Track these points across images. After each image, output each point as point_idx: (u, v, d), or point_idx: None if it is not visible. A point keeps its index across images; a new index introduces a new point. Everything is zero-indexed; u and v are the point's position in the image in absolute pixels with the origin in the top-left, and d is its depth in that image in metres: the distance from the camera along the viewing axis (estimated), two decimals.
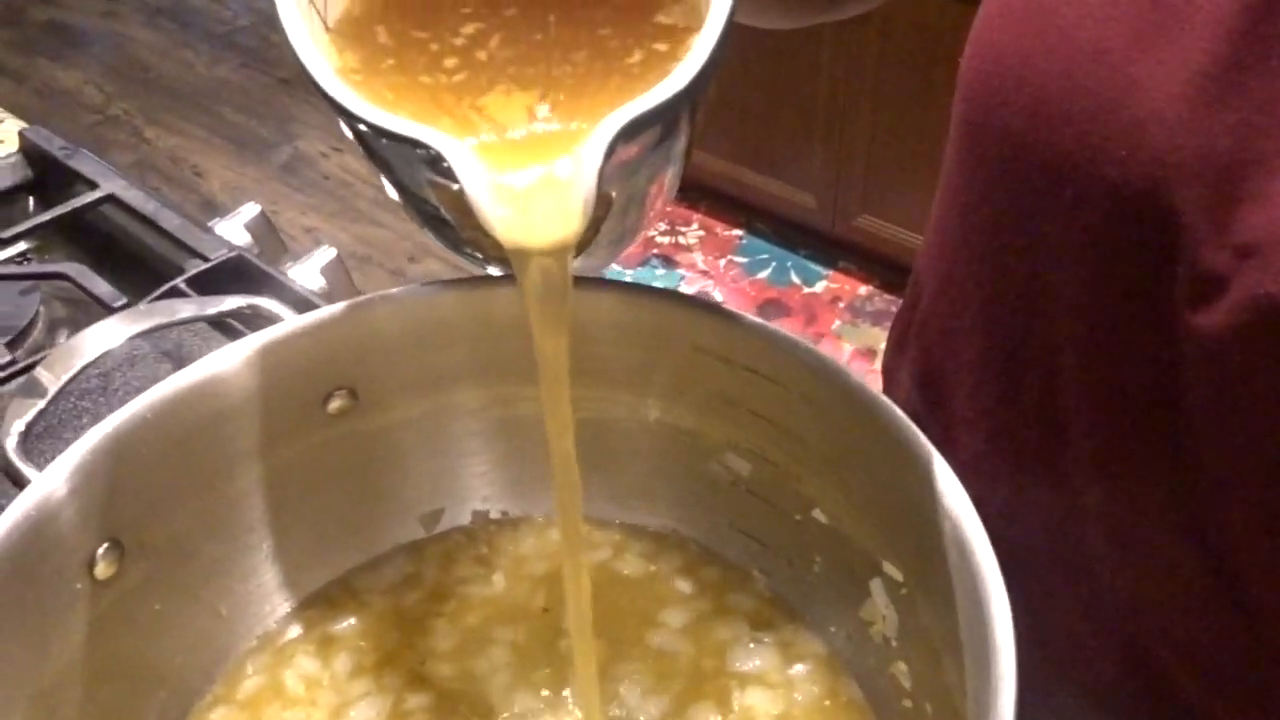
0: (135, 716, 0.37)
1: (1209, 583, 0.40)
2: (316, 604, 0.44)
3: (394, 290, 0.40)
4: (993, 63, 0.41)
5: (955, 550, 0.32)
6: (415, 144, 0.27)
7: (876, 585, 0.39)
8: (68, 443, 0.33)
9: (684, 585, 0.45)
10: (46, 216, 0.70)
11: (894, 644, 0.38)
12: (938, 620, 0.35)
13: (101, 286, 0.64)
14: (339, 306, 0.40)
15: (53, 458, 0.35)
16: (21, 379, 0.57)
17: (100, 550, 0.35)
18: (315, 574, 0.45)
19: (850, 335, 1.90)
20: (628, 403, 0.43)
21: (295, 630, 0.43)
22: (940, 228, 0.48)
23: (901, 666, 0.38)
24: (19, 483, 0.35)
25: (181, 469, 0.38)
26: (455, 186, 0.27)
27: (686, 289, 1.99)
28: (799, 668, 0.42)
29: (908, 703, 0.38)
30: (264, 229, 0.80)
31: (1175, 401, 0.39)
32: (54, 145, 0.77)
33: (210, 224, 0.78)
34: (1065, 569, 0.46)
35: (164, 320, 0.40)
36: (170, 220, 0.70)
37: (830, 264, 2.02)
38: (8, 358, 0.60)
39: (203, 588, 0.40)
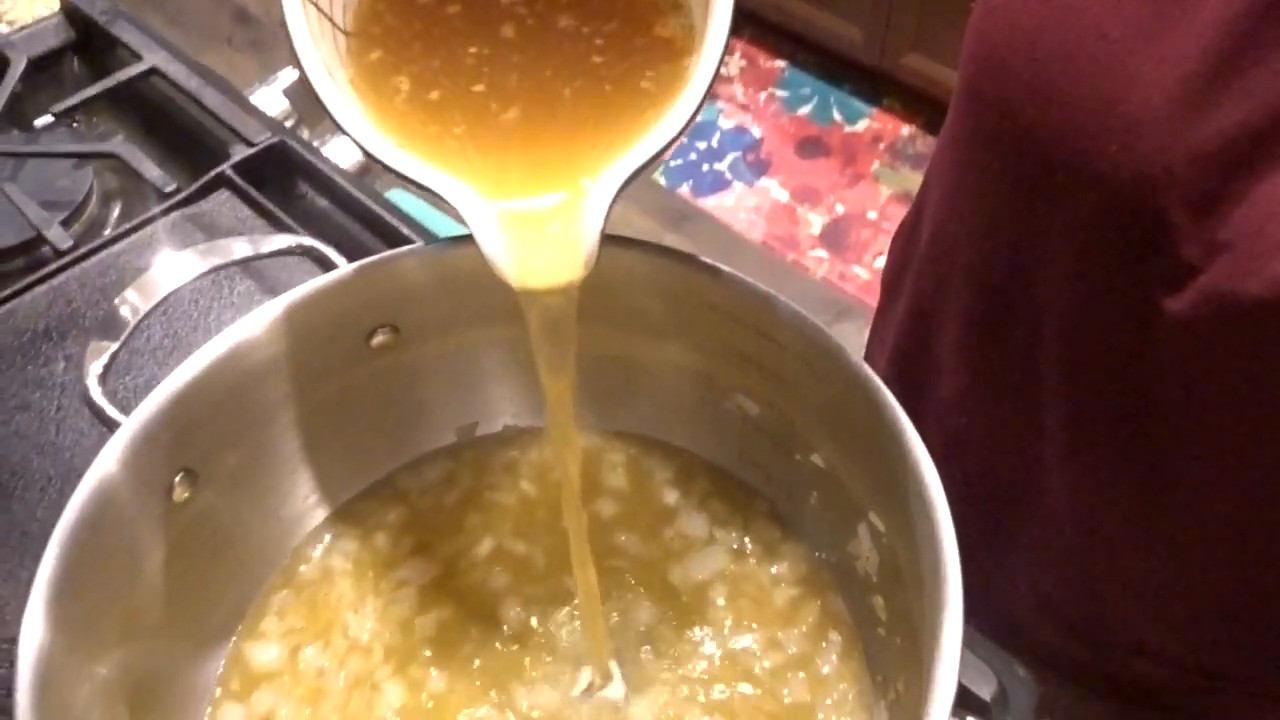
0: (210, 615, 0.44)
1: (1158, 535, 0.44)
2: (365, 500, 0.50)
3: (428, 245, 0.43)
4: (1000, 30, 0.41)
5: (923, 514, 0.36)
6: (425, 188, 0.29)
7: (863, 529, 0.43)
8: (140, 376, 0.37)
9: (692, 499, 0.50)
10: (92, 91, 0.72)
11: (874, 579, 0.43)
12: (910, 569, 0.39)
13: (151, 170, 0.67)
14: (381, 256, 0.43)
15: (126, 391, 0.39)
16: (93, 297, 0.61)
17: (177, 479, 0.40)
18: (362, 477, 0.50)
19: (888, 179, 1.88)
20: (649, 346, 0.46)
21: (344, 524, 0.49)
22: (940, 176, 0.49)
23: (879, 600, 0.43)
24: (101, 418, 0.40)
25: (246, 405, 0.42)
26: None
27: (725, 123, 1.96)
28: (791, 576, 0.47)
29: (882, 631, 0.43)
30: (302, 95, 0.81)
31: (1143, 378, 0.42)
32: (95, 9, 0.78)
33: (250, 92, 0.80)
34: (1029, 502, 0.50)
35: (223, 261, 0.43)
36: (213, 98, 0.72)
37: (874, 101, 1.98)
38: (69, 242, 0.64)
39: (265, 500, 0.45)
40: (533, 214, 0.31)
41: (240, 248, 0.44)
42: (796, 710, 0.43)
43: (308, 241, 0.44)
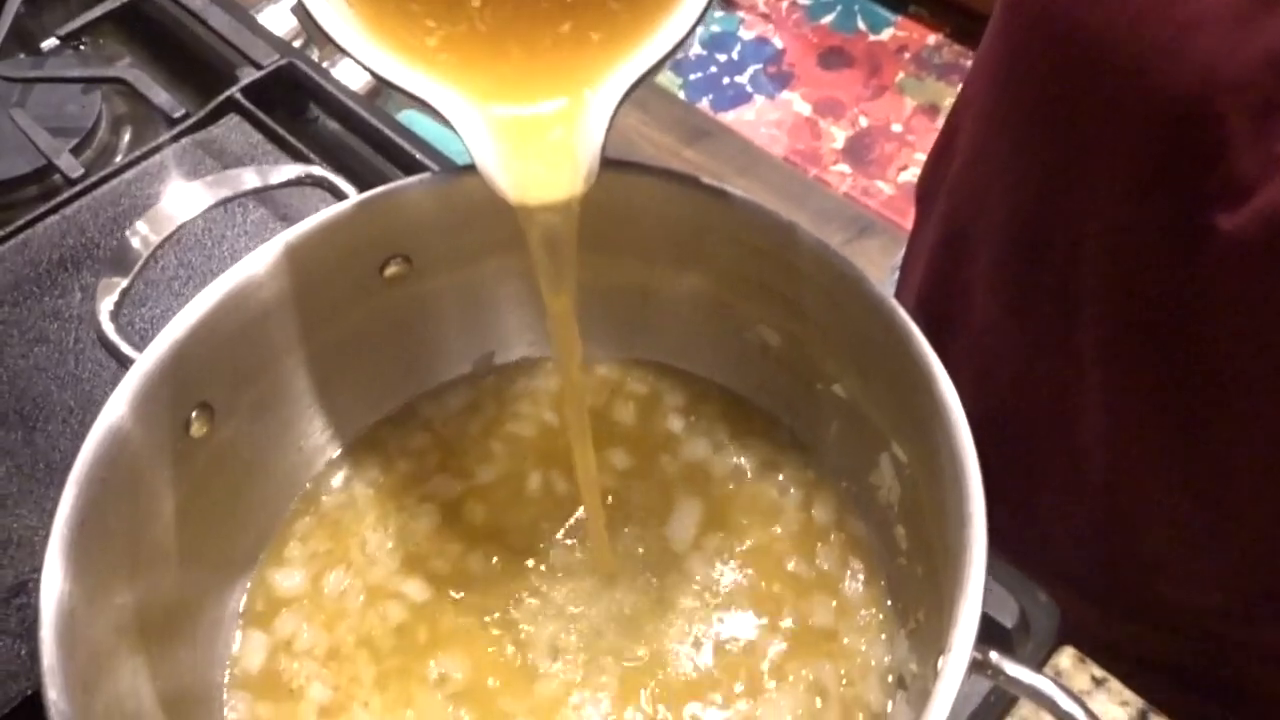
0: (233, 544, 0.44)
1: (1193, 469, 0.44)
2: (387, 428, 0.50)
3: (439, 172, 0.42)
4: None
5: (946, 446, 0.35)
6: (421, 101, 0.28)
7: (884, 459, 0.42)
8: (155, 308, 0.37)
9: (711, 427, 0.49)
10: (98, 12, 0.70)
11: (896, 510, 0.43)
12: (933, 500, 0.39)
13: (159, 95, 0.66)
14: (390, 187, 0.42)
15: (143, 323, 0.38)
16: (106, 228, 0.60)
17: (193, 414, 0.40)
18: (381, 407, 0.49)
19: (913, 90, 1.83)
20: (666, 276, 0.46)
21: (366, 451, 0.49)
22: (978, 90, 0.47)
23: (901, 530, 0.43)
24: (114, 354, 0.39)
25: (259, 339, 0.42)
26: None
27: (745, 34, 1.91)
28: (812, 505, 0.46)
29: (903, 561, 0.43)
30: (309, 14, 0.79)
31: (1189, 301, 0.40)
32: None
33: (257, 11, 0.78)
34: (1060, 430, 0.49)
35: (232, 192, 0.42)
36: (219, 19, 0.70)
37: (899, 8, 1.91)
38: (80, 170, 0.63)
39: (284, 432, 0.45)
40: (530, 123, 0.30)
41: (250, 178, 0.43)
42: (817, 633, 0.43)
43: (318, 171, 0.44)
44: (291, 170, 0.43)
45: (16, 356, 0.56)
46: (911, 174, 1.75)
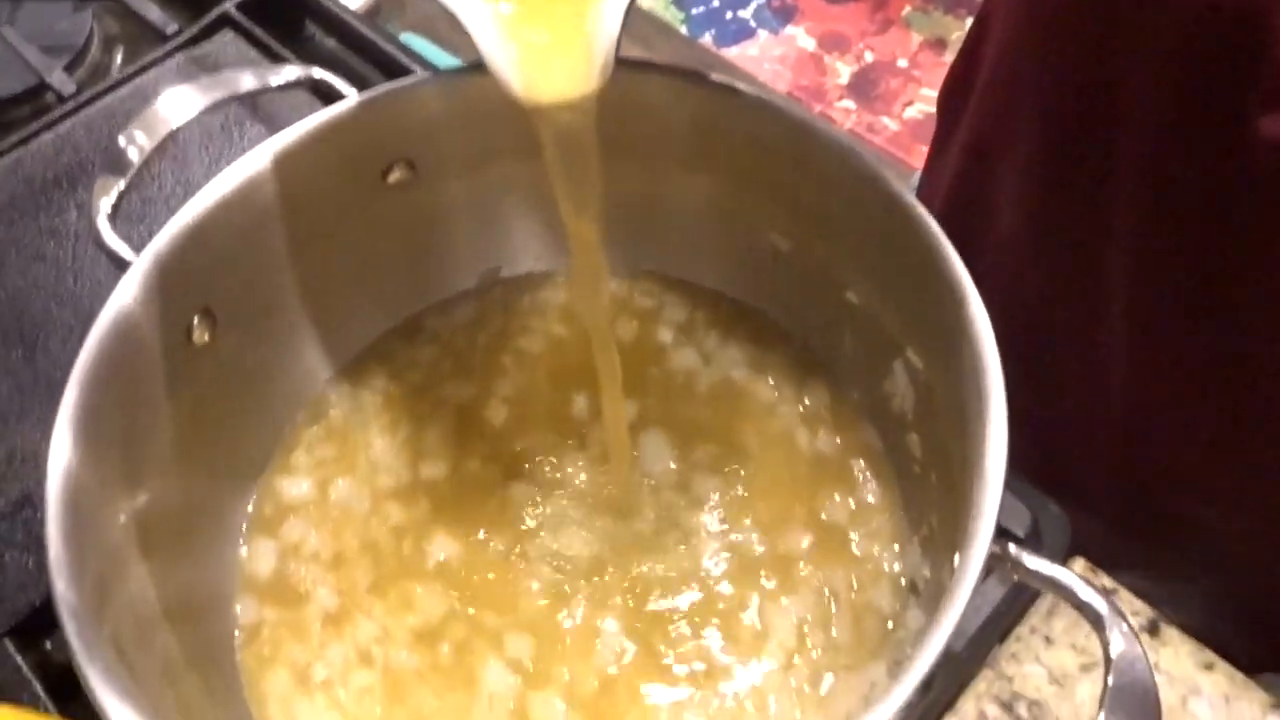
0: (241, 452, 0.43)
1: (1220, 384, 0.43)
2: (394, 340, 0.49)
3: (445, 71, 0.41)
4: None
5: (968, 347, 0.35)
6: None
7: (899, 366, 0.42)
8: (155, 224, 0.37)
9: (721, 339, 0.48)
10: None
11: (910, 418, 0.42)
12: (949, 406, 0.38)
13: (151, 10, 0.64)
14: (394, 86, 0.41)
15: (140, 238, 0.38)
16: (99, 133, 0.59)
17: (195, 320, 0.39)
18: (386, 319, 0.49)
19: (920, 24, 1.80)
20: (675, 180, 0.44)
21: (374, 362, 0.48)
22: None
23: (914, 438, 0.42)
24: (113, 258, 0.38)
25: (261, 243, 0.41)
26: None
27: None
28: (825, 413, 0.46)
29: (917, 469, 0.42)
30: None
31: (1226, 211, 0.39)
32: None
33: None
34: (1083, 346, 0.48)
35: (227, 94, 0.41)
36: None
37: None
38: (72, 88, 0.62)
39: (289, 343, 0.45)
40: (542, 13, 0.29)
41: (246, 80, 0.41)
42: (829, 540, 0.42)
43: (318, 73, 0.42)
44: (291, 72, 0.42)
45: (15, 275, 0.55)
46: (918, 110, 1.72)
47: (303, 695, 0.40)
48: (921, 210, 0.36)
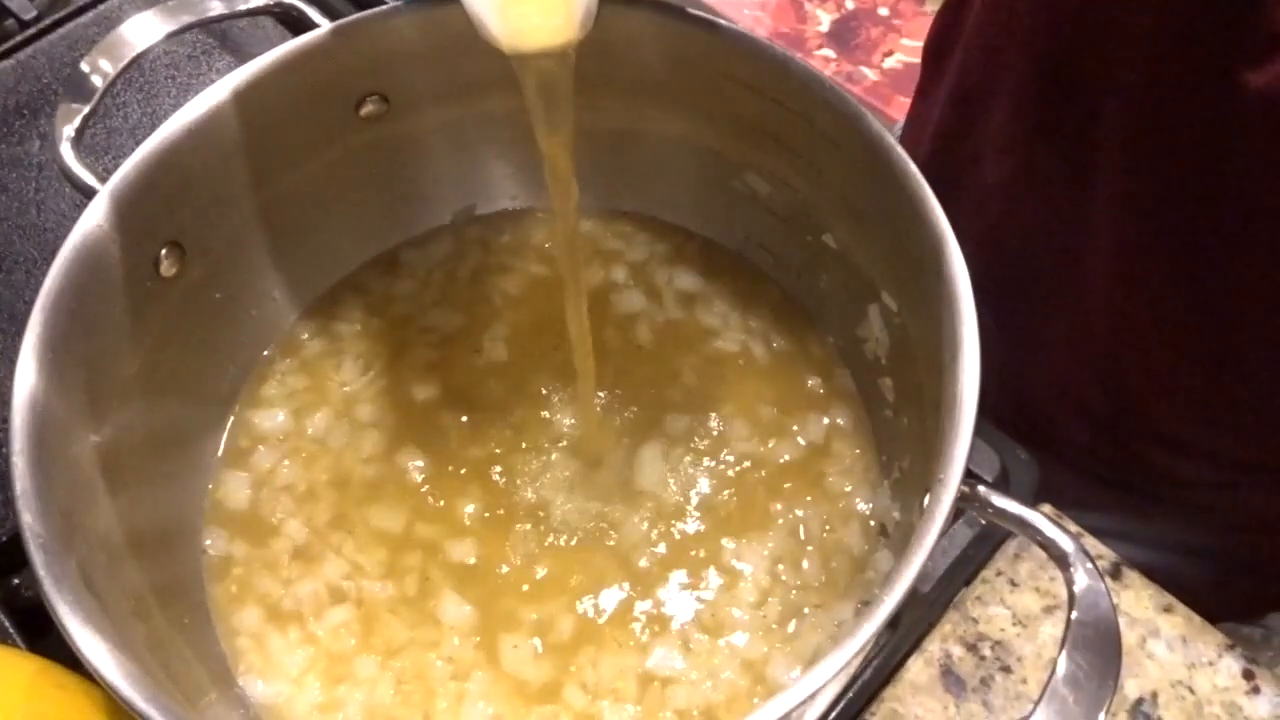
0: (213, 384, 0.43)
1: (1201, 334, 0.43)
2: (371, 273, 0.48)
3: (420, 2, 0.40)
4: None
5: (944, 291, 0.35)
6: None
7: (874, 310, 0.42)
8: (120, 156, 0.36)
9: (697, 280, 0.48)
10: None
11: (883, 362, 0.42)
12: (923, 349, 0.38)
13: None
14: (366, 14, 0.40)
15: (105, 170, 0.37)
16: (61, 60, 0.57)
17: (163, 252, 0.38)
18: (359, 253, 0.48)
19: None
20: (653, 118, 0.44)
21: (347, 294, 0.47)
22: None
23: (888, 382, 0.42)
24: (76, 185, 0.38)
25: (229, 173, 0.40)
26: None
27: None
28: (798, 356, 0.46)
29: (889, 412, 0.42)
30: None
31: (1211, 160, 0.39)
32: None
33: None
34: (1064, 296, 0.48)
35: (195, 19, 0.40)
36: None
37: None
38: (33, 13, 0.60)
39: (258, 278, 0.44)
40: None
41: (215, 5, 0.40)
42: (801, 480, 0.43)
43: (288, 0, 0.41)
44: None
45: None
46: (897, 60, 1.70)
47: (275, 629, 0.40)
48: (901, 152, 0.36)
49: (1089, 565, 0.28)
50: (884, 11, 1.74)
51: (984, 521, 0.45)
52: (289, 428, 0.44)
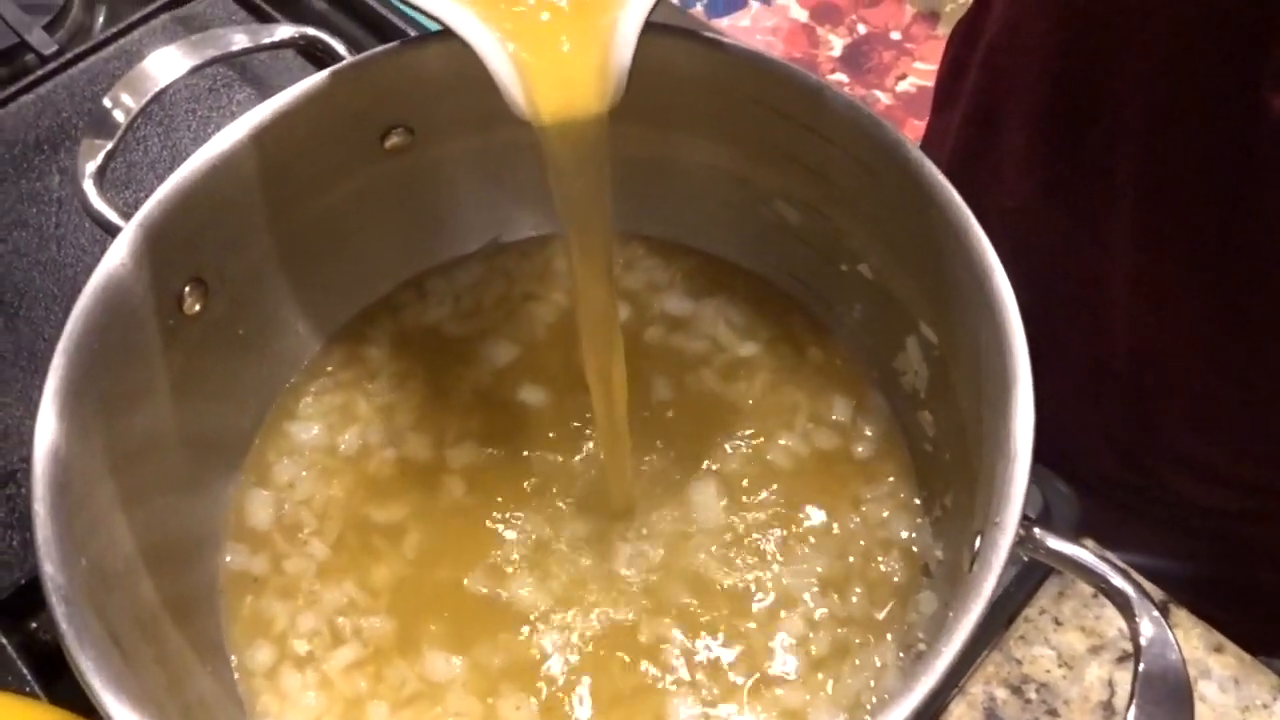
0: (232, 424, 0.42)
1: (1224, 356, 0.42)
2: (386, 306, 0.47)
3: (442, 32, 0.39)
4: None
5: (990, 322, 0.33)
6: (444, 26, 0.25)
7: (912, 342, 0.41)
8: (140, 190, 0.35)
9: (725, 308, 0.47)
10: None
11: (922, 395, 0.41)
12: (966, 380, 0.37)
13: None
14: (391, 47, 0.39)
15: (127, 205, 0.36)
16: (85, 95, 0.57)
17: (186, 289, 0.38)
18: (384, 284, 0.47)
19: None
20: (682, 145, 0.43)
21: (382, 316, 0.47)
22: None
23: (927, 416, 0.41)
24: (99, 223, 0.37)
25: (253, 208, 0.39)
26: None
27: None
28: (834, 386, 0.44)
29: (928, 447, 0.41)
30: None
31: (1234, 182, 0.39)
32: None
33: None
34: (1086, 329, 0.47)
35: (219, 53, 0.39)
36: None
37: None
38: (54, 47, 0.60)
39: (281, 311, 0.43)
40: (551, 32, 0.27)
41: (238, 39, 0.40)
42: (844, 519, 0.41)
43: (312, 32, 0.40)
44: (284, 31, 0.40)
45: None
46: (910, 83, 1.70)
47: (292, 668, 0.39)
48: (943, 179, 0.35)
49: (1154, 613, 0.27)
50: (896, 35, 1.74)
51: (1025, 558, 0.43)
52: (321, 443, 0.43)
